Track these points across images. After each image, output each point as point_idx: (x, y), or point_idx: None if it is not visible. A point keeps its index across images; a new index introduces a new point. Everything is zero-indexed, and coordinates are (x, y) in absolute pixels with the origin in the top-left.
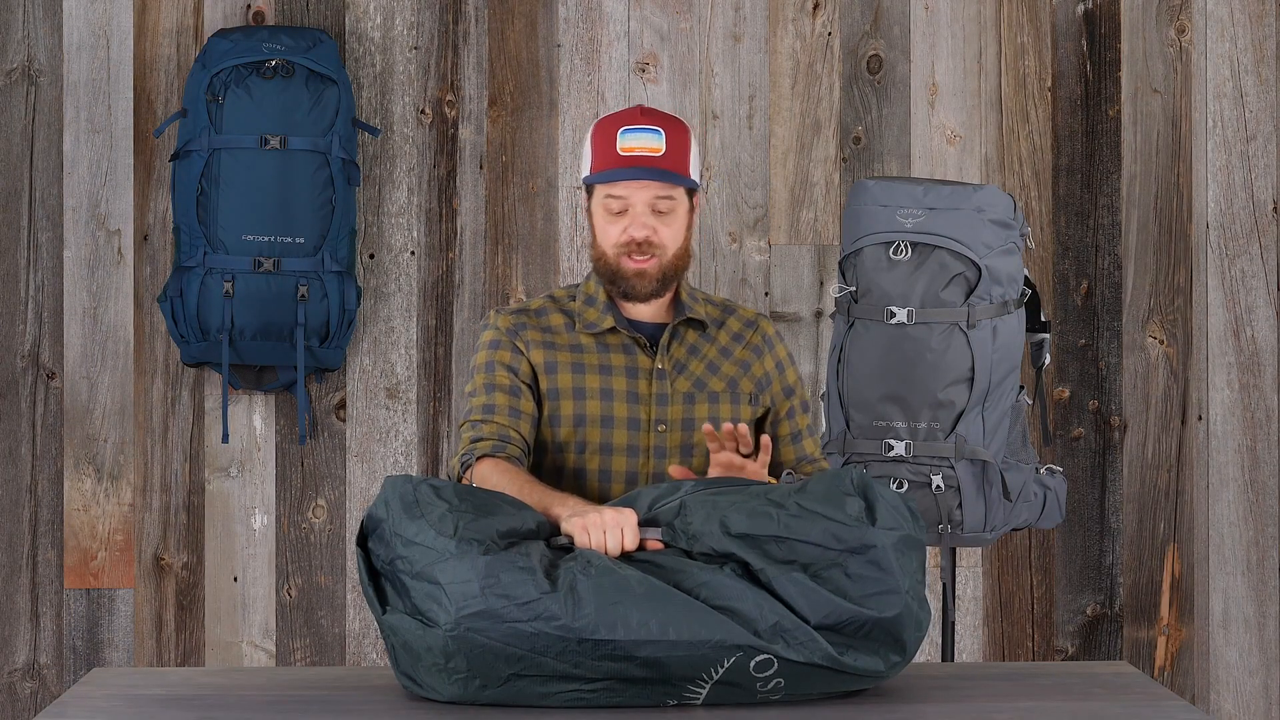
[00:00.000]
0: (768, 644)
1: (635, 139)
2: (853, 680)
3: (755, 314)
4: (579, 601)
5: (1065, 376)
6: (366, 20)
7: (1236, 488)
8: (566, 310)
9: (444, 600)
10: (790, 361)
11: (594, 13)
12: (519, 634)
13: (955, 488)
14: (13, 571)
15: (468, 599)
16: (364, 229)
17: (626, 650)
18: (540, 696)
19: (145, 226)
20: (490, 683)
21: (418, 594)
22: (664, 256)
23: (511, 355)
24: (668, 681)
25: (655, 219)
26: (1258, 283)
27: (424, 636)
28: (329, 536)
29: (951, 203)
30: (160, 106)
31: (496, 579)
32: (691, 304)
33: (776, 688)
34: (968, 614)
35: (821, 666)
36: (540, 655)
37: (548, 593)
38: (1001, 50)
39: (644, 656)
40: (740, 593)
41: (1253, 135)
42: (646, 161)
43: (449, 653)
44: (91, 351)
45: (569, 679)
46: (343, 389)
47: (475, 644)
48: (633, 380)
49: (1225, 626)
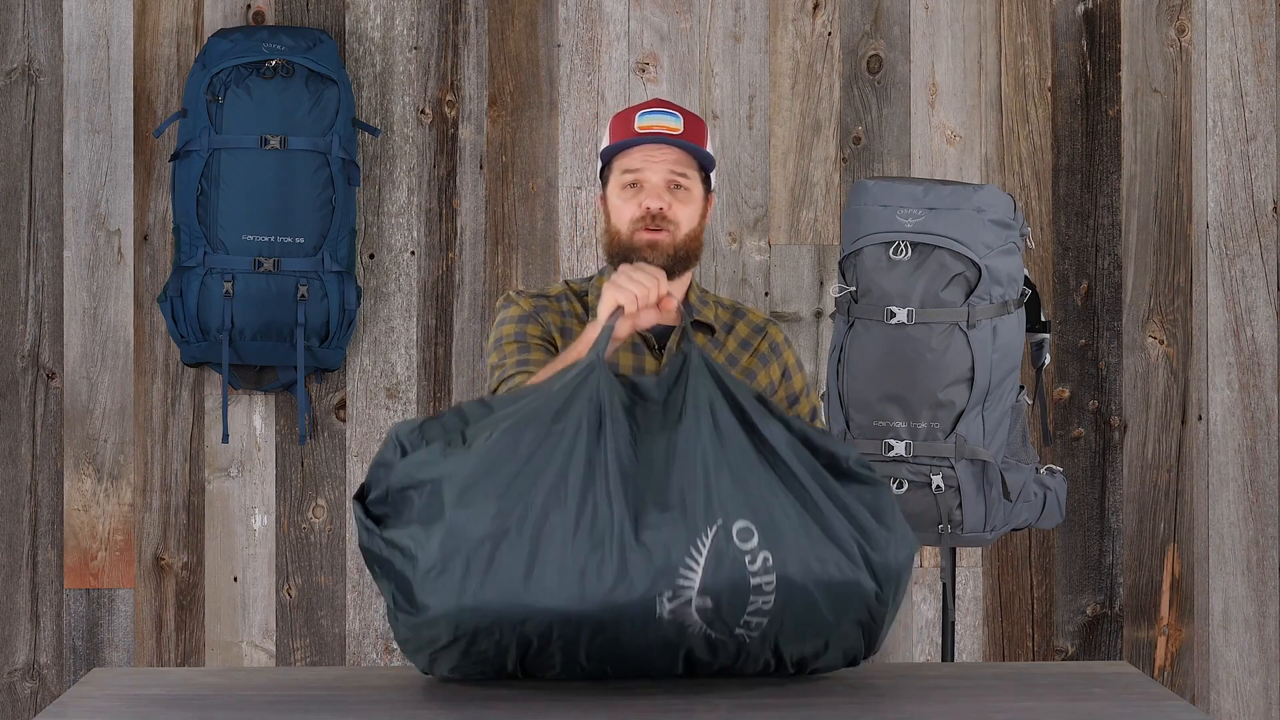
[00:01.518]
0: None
1: (653, 118)
2: (843, 571)
3: (764, 319)
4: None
5: (1065, 376)
6: (366, 20)
7: (1236, 488)
8: (584, 302)
9: (447, 495)
10: (798, 368)
11: (594, 13)
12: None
13: (955, 488)
14: (13, 571)
15: (466, 493)
16: (364, 229)
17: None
18: (536, 596)
19: (145, 226)
20: (487, 584)
21: (420, 499)
22: (677, 233)
23: (541, 327)
24: (659, 569)
25: (670, 194)
26: (1258, 283)
27: (423, 537)
28: (329, 536)
29: (951, 203)
30: (160, 106)
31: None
32: (701, 307)
33: (765, 565)
34: (968, 614)
35: (801, 537)
36: (535, 546)
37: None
38: (1001, 50)
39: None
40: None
41: (1253, 135)
42: (664, 135)
43: (446, 547)
44: (91, 351)
45: (564, 579)
46: (343, 389)
47: (473, 532)
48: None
49: (1225, 626)
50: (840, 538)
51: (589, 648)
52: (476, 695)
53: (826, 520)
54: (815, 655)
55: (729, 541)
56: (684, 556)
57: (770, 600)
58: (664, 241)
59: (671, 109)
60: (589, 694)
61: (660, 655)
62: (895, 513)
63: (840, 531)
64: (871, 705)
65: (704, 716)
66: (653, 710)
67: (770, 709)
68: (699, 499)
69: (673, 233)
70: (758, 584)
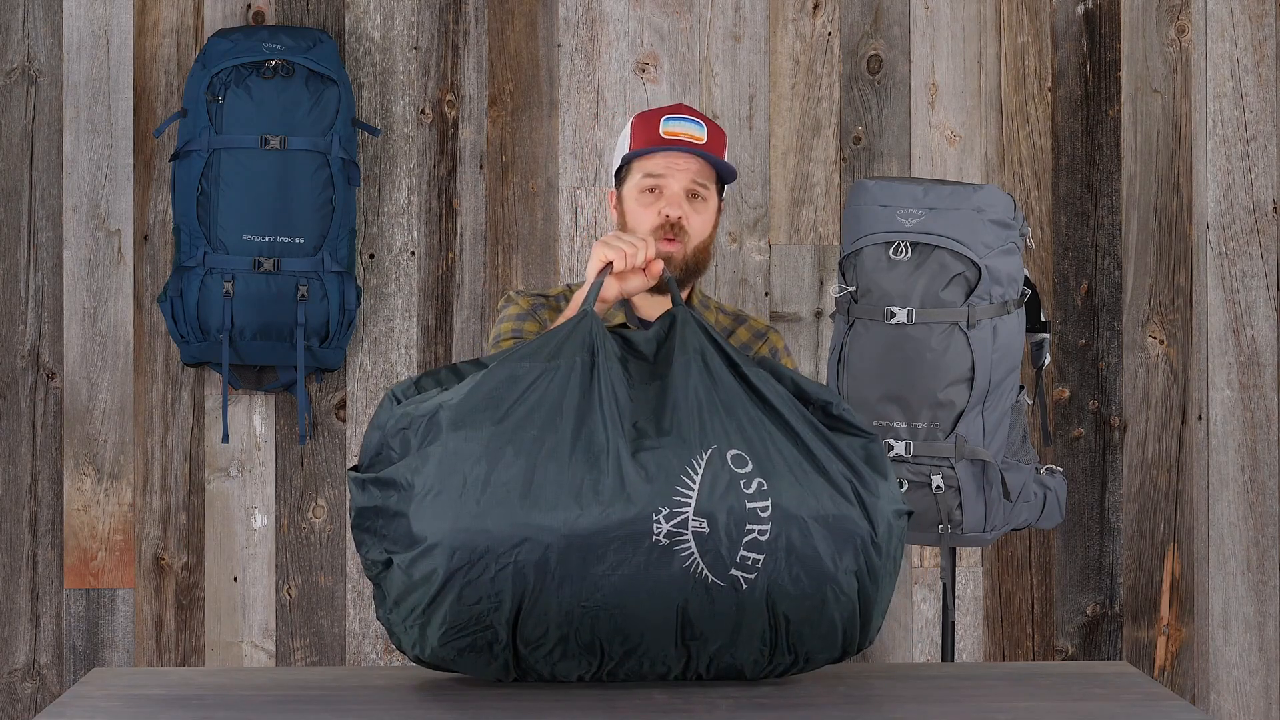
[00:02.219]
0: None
1: (679, 125)
2: (836, 522)
3: (766, 325)
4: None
5: (1065, 376)
6: (366, 20)
7: (1236, 488)
8: None
9: (437, 425)
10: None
11: (594, 13)
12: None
13: (955, 488)
14: (13, 571)
15: (459, 415)
16: (364, 229)
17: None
18: (533, 528)
19: (145, 226)
20: (484, 500)
21: (413, 436)
22: (688, 244)
23: (538, 325)
24: (654, 488)
25: (689, 204)
26: (1258, 283)
27: (419, 463)
28: (329, 536)
29: (951, 203)
30: (160, 106)
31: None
32: (704, 311)
33: (760, 490)
34: (968, 614)
35: (793, 470)
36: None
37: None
38: (1001, 50)
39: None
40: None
41: (1253, 135)
42: (692, 145)
43: (443, 464)
44: (91, 351)
45: (562, 498)
46: (343, 389)
47: (469, 443)
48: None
49: (1225, 626)
50: (833, 476)
51: (584, 590)
52: (476, 695)
53: (818, 460)
54: (812, 622)
55: (723, 465)
56: (679, 474)
57: (766, 530)
58: (676, 255)
59: (697, 117)
60: (589, 694)
61: (657, 606)
62: (887, 463)
63: (833, 470)
64: (871, 705)
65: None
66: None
67: (770, 709)
68: (693, 426)
69: (684, 244)
70: (753, 509)
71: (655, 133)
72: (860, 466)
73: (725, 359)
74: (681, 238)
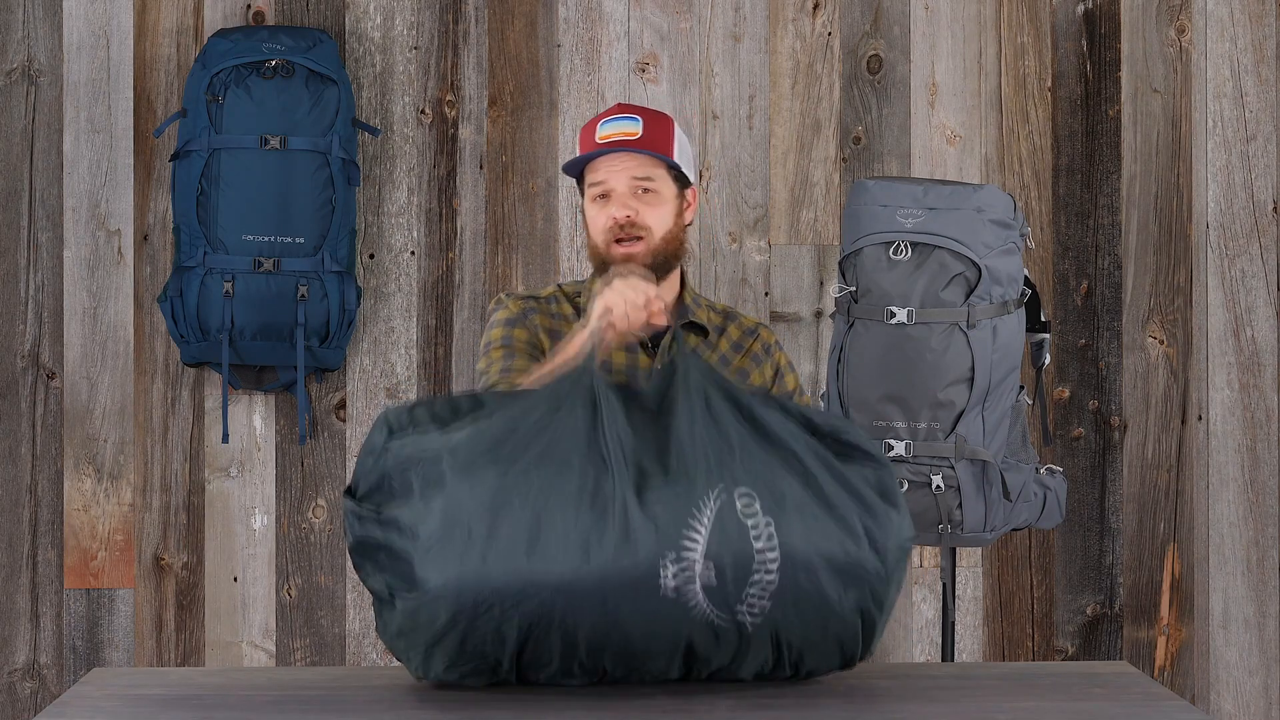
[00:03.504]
0: (748, 484)
1: (612, 126)
2: (846, 550)
3: (756, 322)
4: None
5: (1065, 376)
6: (366, 20)
7: (1236, 488)
8: (574, 303)
9: (448, 464)
10: (790, 369)
11: (594, 13)
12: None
13: (955, 488)
14: (13, 571)
15: (469, 462)
16: (364, 229)
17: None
18: (537, 574)
19: (145, 226)
20: (490, 550)
21: (421, 473)
22: (651, 239)
23: (528, 333)
24: (662, 535)
25: (637, 201)
26: (1258, 283)
27: (423, 509)
28: (329, 536)
29: (951, 203)
30: (160, 106)
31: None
32: (694, 308)
33: (770, 538)
34: (968, 614)
35: (803, 514)
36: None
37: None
38: (1001, 50)
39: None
40: (725, 429)
41: (1253, 135)
42: (620, 144)
43: (447, 518)
44: (91, 351)
45: (566, 545)
46: (343, 389)
47: (474, 500)
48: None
49: (1225, 626)
50: (844, 514)
51: (589, 633)
52: (476, 695)
53: (829, 497)
54: (814, 645)
55: (731, 508)
56: (687, 519)
57: (774, 575)
58: (638, 253)
59: (632, 113)
60: (590, 695)
61: (662, 643)
62: (898, 494)
63: (844, 508)
64: (871, 705)
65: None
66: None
67: (770, 709)
68: (700, 468)
69: (646, 239)
70: (761, 551)
71: (592, 139)
72: (871, 499)
73: (730, 399)
74: (639, 234)
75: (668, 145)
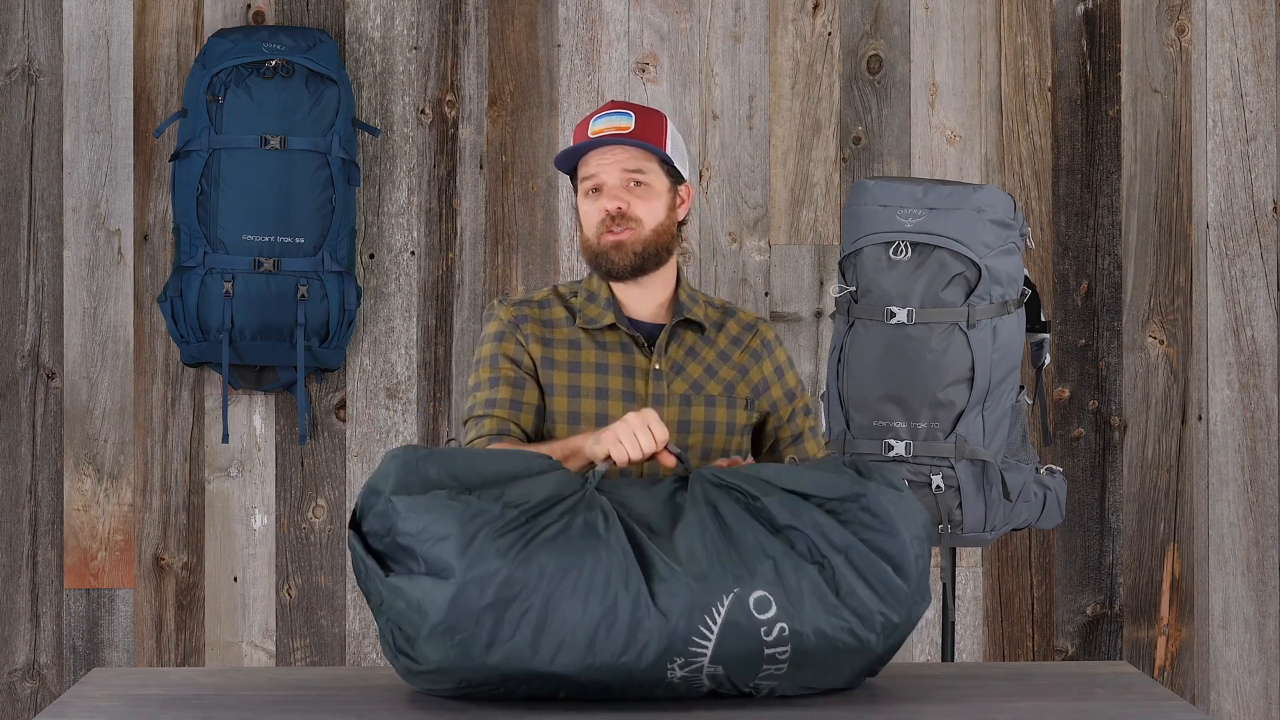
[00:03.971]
0: (765, 582)
1: (604, 121)
2: (855, 635)
3: (755, 317)
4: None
5: (1065, 376)
6: (366, 20)
7: (1236, 488)
8: (569, 305)
9: (456, 553)
10: (790, 365)
11: (594, 13)
12: (530, 583)
13: (955, 488)
14: (13, 571)
15: (479, 553)
16: (364, 229)
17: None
18: (543, 661)
19: (145, 226)
20: (496, 640)
21: (429, 551)
22: (641, 230)
23: (515, 347)
24: (672, 638)
25: (629, 193)
26: (1258, 283)
27: (433, 591)
28: (329, 536)
29: (951, 203)
30: (160, 106)
31: (499, 543)
32: (691, 305)
33: (780, 636)
34: (968, 614)
35: (820, 608)
36: (546, 607)
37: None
38: (1001, 50)
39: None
40: (739, 527)
41: (1253, 135)
42: (613, 137)
43: (456, 607)
44: (91, 351)
45: (573, 642)
46: (343, 389)
47: (484, 594)
48: (629, 379)
49: (1225, 626)
50: (859, 600)
51: (590, 702)
52: None
53: (845, 585)
54: (825, 682)
55: (744, 609)
56: (697, 625)
57: (784, 666)
58: (627, 241)
59: (625, 108)
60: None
61: (667, 704)
62: (914, 568)
63: (859, 593)
64: (872, 705)
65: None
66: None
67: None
68: (713, 571)
69: (636, 230)
70: (771, 654)
71: (585, 134)
72: (887, 579)
73: (741, 500)
74: (630, 225)
75: (660, 139)
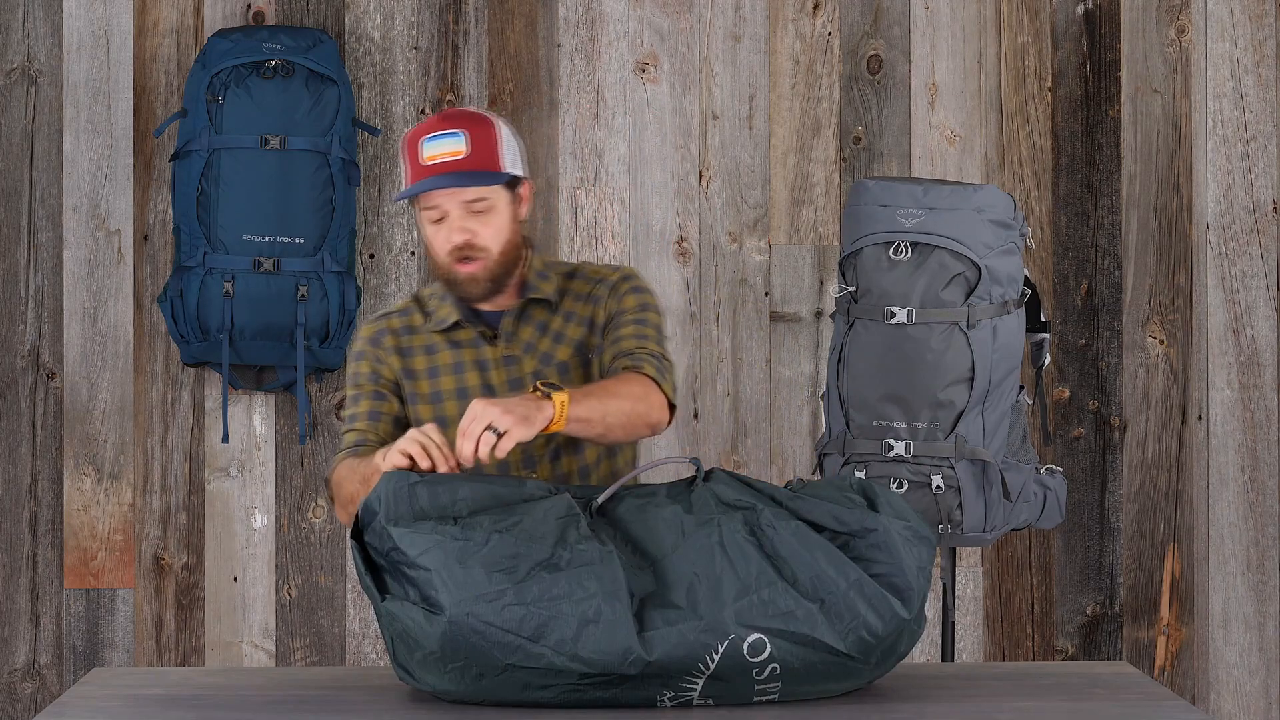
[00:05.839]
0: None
1: (435, 146)
2: (847, 668)
3: (611, 270)
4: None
5: (1065, 376)
6: (366, 20)
7: (1236, 488)
8: (425, 309)
9: (444, 588)
10: (634, 292)
11: (594, 13)
12: (519, 618)
13: (955, 488)
14: (13, 571)
15: (468, 587)
16: (364, 229)
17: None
18: (535, 690)
19: (145, 226)
20: (487, 672)
21: (420, 582)
22: (489, 258)
23: (372, 364)
24: (663, 675)
25: (473, 220)
26: (1258, 283)
27: (425, 624)
28: (329, 536)
29: (951, 203)
30: (160, 106)
31: (494, 571)
32: (538, 283)
33: (773, 675)
34: (968, 614)
35: (816, 647)
36: (537, 644)
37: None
38: (1001, 50)
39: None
40: (741, 560)
41: (1253, 135)
42: (448, 167)
43: (448, 639)
44: (91, 351)
45: (564, 672)
46: (343, 389)
47: (475, 630)
48: (483, 373)
49: (1225, 626)
50: (857, 640)
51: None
52: None
53: (847, 621)
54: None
55: (738, 654)
56: (689, 667)
57: (775, 696)
58: (479, 273)
59: (454, 126)
60: None
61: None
62: (916, 598)
63: (858, 634)
64: (871, 705)
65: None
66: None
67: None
68: (711, 605)
69: (484, 259)
70: (763, 689)
71: (418, 161)
72: (895, 613)
73: (748, 527)
74: (479, 255)
75: (494, 158)
